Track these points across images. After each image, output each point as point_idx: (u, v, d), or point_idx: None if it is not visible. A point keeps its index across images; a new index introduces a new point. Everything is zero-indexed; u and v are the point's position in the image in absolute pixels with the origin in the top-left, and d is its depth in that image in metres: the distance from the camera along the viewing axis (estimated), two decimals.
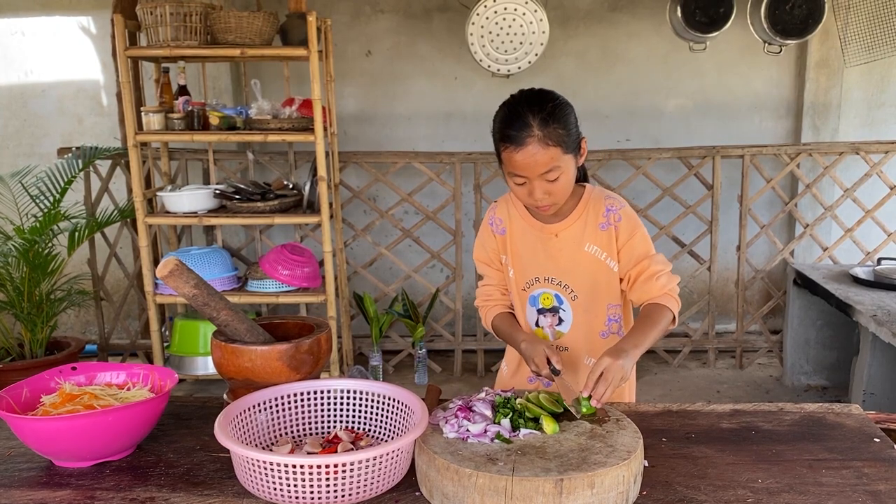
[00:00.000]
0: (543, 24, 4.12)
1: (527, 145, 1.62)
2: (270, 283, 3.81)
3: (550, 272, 1.83)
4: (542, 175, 1.65)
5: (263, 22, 3.54)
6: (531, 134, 1.61)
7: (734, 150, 4.50)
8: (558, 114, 1.64)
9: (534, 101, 1.65)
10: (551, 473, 1.26)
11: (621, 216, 1.77)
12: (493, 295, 1.94)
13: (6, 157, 4.91)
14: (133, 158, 3.64)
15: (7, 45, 4.90)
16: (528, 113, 1.62)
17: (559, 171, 1.65)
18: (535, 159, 1.62)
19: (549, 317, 1.87)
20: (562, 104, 1.67)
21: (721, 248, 4.62)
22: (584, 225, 1.79)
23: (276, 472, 1.27)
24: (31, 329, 3.99)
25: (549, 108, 1.63)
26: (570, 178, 1.69)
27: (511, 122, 1.64)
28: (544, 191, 1.67)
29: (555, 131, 1.62)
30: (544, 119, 1.61)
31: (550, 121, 1.62)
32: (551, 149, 1.62)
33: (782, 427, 1.68)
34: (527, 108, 1.63)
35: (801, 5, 4.11)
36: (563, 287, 1.83)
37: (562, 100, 1.69)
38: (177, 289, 1.53)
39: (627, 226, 1.77)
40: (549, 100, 1.66)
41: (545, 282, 1.85)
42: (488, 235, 1.92)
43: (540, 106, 1.63)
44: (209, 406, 1.82)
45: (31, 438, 1.48)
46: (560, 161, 1.64)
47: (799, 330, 4.30)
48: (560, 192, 1.70)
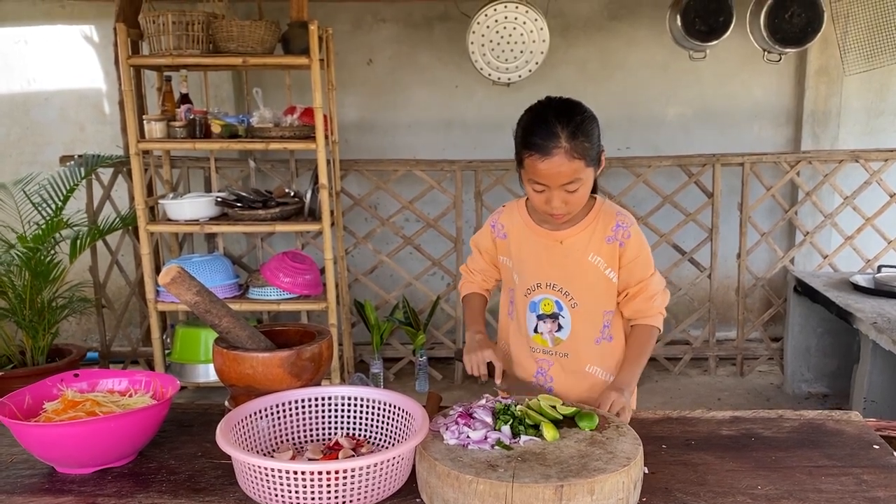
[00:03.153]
0: (544, 32, 4.15)
1: (553, 156, 1.63)
2: (272, 290, 3.82)
3: (553, 278, 1.84)
4: (563, 186, 1.66)
5: (265, 31, 3.56)
6: (558, 145, 1.62)
7: (734, 157, 4.52)
8: (586, 127, 1.66)
9: (563, 111, 1.66)
10: (551, 480, 1.27)
11: (631, 234, 1.79)
12: (475, 276, 2.02)
13: (9, 164, 4.93)
14: (135, 166, 3.66)
15: (10, 53, 4.92)
16: (558, 124, 1.63)
17: (580, 184, 1.67)
18: (559, 170, 1.64)
19: (548, 323, 1.88)
20: (589, 118, 1.69)
21: (721, 255, 4.62)
22: (590, 235, 1.81)
23: (278, 478, 1.27)
24: (32, 336, 3.99)
25: (578, 120, 1.65)
26: (587, 189, 1.72)
27: (538, 130, 1.65)
28: (562, 200, 1.69)
29: (581, 144, 1.63)
30: (573, 132, 1.63)
31: (578, 134, 1.63)
32: (576, 161, 1.64)
33: (782, 434, 1.68)
34: (555, 119, 1.64)
35: (801, 14, 4.13)
36: (564, 294, 1.84)
37: (589, 113, 1.71)
38: (179, 296, 1.53)
39: (635, 245, 1.80)
40: (579, 112, 1.68)
41: (547, 287, 1.85)
42: (488, 236, 1.96)
43: (569, 118, 1.64)
44: (210, 413, 1.83)
45: (34, 445, 1.49)
46: (582, 174, 1.66)
47: (799, 337, 4.30)
48: (577, 202, 1.72)
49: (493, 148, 4.87)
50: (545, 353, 1.91)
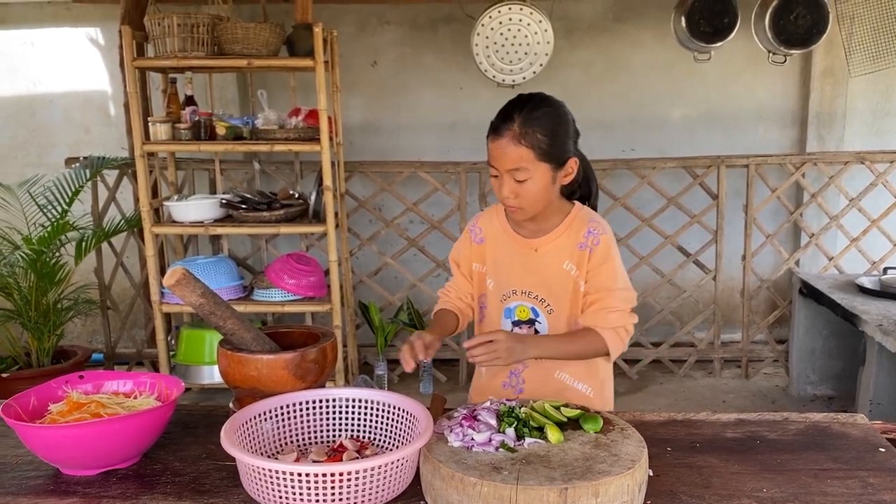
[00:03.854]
0: (548, 34, 4.14)
1: (502, 137, 1.65)
2: (276, 292, 3.82)
3: (528, 285, 1.83)
4: (510, 171, 1.67)
5: (270, 33, 3.56)
6: (510, 127, 1.64)
7: (739, 159, 4.51)
8: (545, 120, 1.66)
9: (528, 101, 1.68)
10: (556, 482, 1.27)
11: (600, 241, 1.76)
12: (450, 294, 1.97)
13: (14, 166, 4.94)
14: (140, 168, 3.67)
15: (16, 55, 4.94)
16: (516, 109, 1.66)
17: (527, 174, 1.66)
18: (504, 152, 1.66)
19: (524, 329, 1.85)
20: (554, 114, 1.69)
21: (726, 257, 4.61)
22: (564, 242, 1.79)
23: (282, 480, 1.27)
24: (38, 338, 4.01)
25: (539, 111, 1.66)
26: (541, 186, 1.69)
27: (501, 115, 1.68)
28: (511, 189, 1.69)
29: (532, 133, 1.64)
30: (528, 119, 1.64)
31: (533, 123, 1.64)
32: (523, 148, 1.64)
33: (787, 436, 1.68)
34: (517, 105, 1.67)
35: (806, 15, 4.12)
36: (540, 301, 1.82)
37: (558, 110, 1.71)
38: (183, 298, 1.54)
39: (602, 253, 1.75)
40: (543, 105, 1.69)
41: (522, 295, 1.84)
42: (466, 242, 1.93)
43: (531, 107, 1.66)
44: (215, 415, 1.83)
45: (39, 446, 1.49)
46: (530, 164, 1.66)
47: (805, 339, 4.29)
48: (527, 196, 1.70)
49: None
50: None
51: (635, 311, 1.80)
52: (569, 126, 1.72)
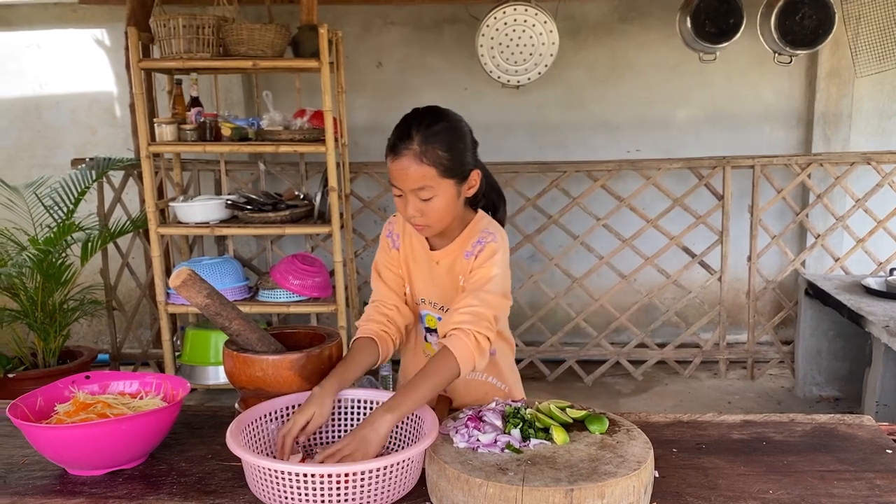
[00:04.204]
0: (553, 35, 4.14)
1: (402, 156, 1.60)
2: (281, 292, 3.82)
3: (434, 296, 1.80)
4: (413, 191, 1.62)
5: (275, 34, 3.57)
6: (409, 147, 1.59)
7: (744, 160, 4.50)
8: (444, 137, 1.61)
9: (425, 117, 1.63)
10: (561, 483, 1.27)
11: (484, 248, 1.69)
12: (370, 315, 1.81)
13: (21, 167, 4.96)
14: (146, 169, 3.67)
15: (22, 57, 4.96)
16: (414, 127, 1.60)
17: (432, 192, 1.62)
18: (406, 173, 1.60)
19: (435, 335, 1.84)
20: (452, 128, 1.64)
21: (732, 258, 4.60)
22: (458, 255, 1.74)
23: (288, 481, 1.28)
24: (44, 338, 4.01)
25: (437, 128, 1.61)
26: (446, 203, 1.64)
27: (397, 132, 1.63)
28: (416, 209, 1.64)
29: (433, 151, 1.59)
30: (427, 137, 1.59)
31: (433, 140, 1.59)
32: (425, 167, 1.59)
33: (793, 438, 1.67)
34: (414, 122, 1.61)
35: (812, 16, 4.11)
36: (445, 311, 1.78)
37: (456, 124, 1.66)
38: (189, 299, 1.54)
39: (482, 257, 1.68)
40: (441, 120, 1.63)
41: (429, 305, 1.82)
42: (386, 248, 1.87)
43: (428, 123, 1.61)
44: (221, 415, 1.83)
45: (45, 446, 1.50)
46: (433, 182, 1.61)
47: (811, 341, 4.27)
48: (433, 214, 1.65)
49: (503, 150, 4.87)
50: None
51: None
52: (467, 138, 1.68)
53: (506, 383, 1.90)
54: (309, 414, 1.52)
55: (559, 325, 4.71)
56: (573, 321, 4.66)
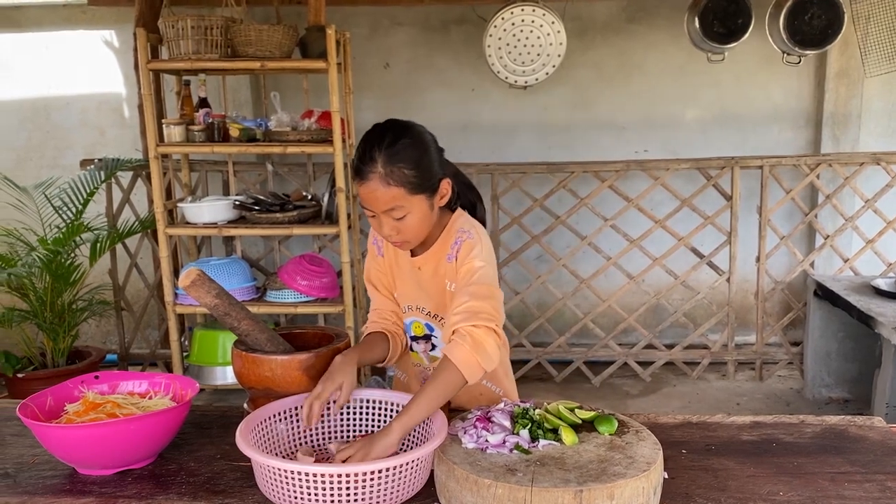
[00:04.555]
0: (561, 35, 4.14)
1: (369, 180, 1.56)
2: (289, 293, 3.83)
3: (420, 302, 1.79)
4: (385, 212, 1.59)
5: (283, 35, 3.57)
6: (373, 169, 1.55)
7: (753, 160, 4.48)
8: (406, 153, 1.57)
9: (384, 136, 1.58)
10: (570, 484, 1.26)
11: (462, 246, 1.67)
12: (375, 319, 1.83)
13: (30, 168, 4.98)
14: (154, 170, 3.68)
15: (31, 58, 4.98)
16: (375, 148, 1.56)
17: (404, 211, 1.59)
18: (374, 196, 1.57)
19: (421, 343, 1.84)
20: (414, 143, 1.60)
21: (740, 259, 4.57)
22: (439, 259, 1.72)
23: (298, 481, 1.28)
24: (53, 338, 4.03)
25: (399, 146, 1.56)
26: (420, 218, 1.62)
27: (360, 155, 1.59)
28: (392, 227, 1.62)
29: (399, 171, 1.55)
30: (390, 157, 1.55)
31: (396, 160, 1.55)
32: (393, 188, 1.56)
33: (804, 439, 1.66)
34: (375, 144, 1.57)
35: (821, 16, 4.10)
36: (433, 316, 1.78)
37: (418, 138, 1.62)
38: (198, 299, 1.54)
39: (461, 256, 1.66)
40: (402, 136, 1.59)
41: (416, 311, 1.80)
42: (373, 257, 1.86)
43: (389, 142, 1.56)
44: (229, 415, 1.83)
45: (55, 446, 1.50)
46: (404, 201, 1.58)
47: (820, 342, 4.25)
48: (409, 231, 1.63)
49: (510, 151, 4.87)
50: (424, 370, 1.87)
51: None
52: (431, 150, 1.64)
53: (500, 386, 1.88)
54: (338, 383, 1.54)
55: (567, 326, 4.70)
56: (581, 322, 4.65)
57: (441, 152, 1.68)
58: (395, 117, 1.66)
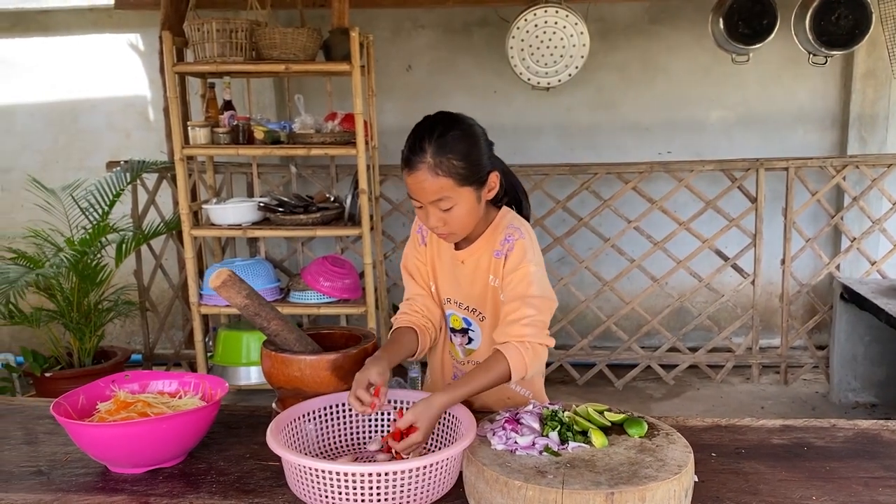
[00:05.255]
0: (584, 37, 4.13)
1: (417, 170, 1.58)
2: (312, 294, 3.84)
3: (459, 296, 1.79)
4: (433, 203, 1.60)
5: (307, 38, 3.59)
6: (423, 160, 1.57)
7: (778, 162, 4.43)
8: (456, 145, 1.58)
9: (435, 127, 1.60)
10: (602, 487, 1.26)
11: (514, 246, 1.67)
12: (405, 310, 1.83)
13: (57, 170, 5.05)
14: (179, 172, 3.72)
15: (59, 62, 5.05)
16: (426, 138, 1.58)
17: (451, 202, 1.60)
18: (423, 186, 1.58)
19: (458, 336, 1.84)
20: (464, 135, 1.61)
21: (765, 261, 4.53)
22: (483, 253, 1.73)
23: (328, 480, 1.28)
24: (79, 338, 4.08)
25: (449, 137, 1.58)
26: (467, 210, 1.63)
27: (410, 145, 1.61)
28: (438, 218, 1.63)
29: (448, 161, 1.57)
30: (439, 148, 1.57)
31: (446, 151, 1.57)
32: (441, 178, 1.57)
33: (835, 444, 1.64)
34: (425, 134, 1.59)
35: (847, 16, 4.05)
36: (472, 311, 1.79)
37: (468, 130, 1.63)
38: (229, 299, 1.55)
39: (516, 257, 1.67)
40: (453, 128, 1.60)
41: (454, 305, 1.81)
42: (414, 245, 1.87)
43: (440, 133, 1.58)
44: (257, 415, 1.84)
45: (88, 444, 1.52)
46: (452, 192, 1.59)
47: (846, 345, 4.20)
48: (456, 222, 1.64)
49: (532, 152, 4.86)
50: (458, 363, 1.87)
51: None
52: (481, 142, 1.65)
53: (531, 389, 1.87)
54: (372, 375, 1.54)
55: (589, 329, 4.69)
56: (603, 325, 4.63)
57: (491, 146, 1.70)
58: (417, 119, 1.67)
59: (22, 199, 4.82)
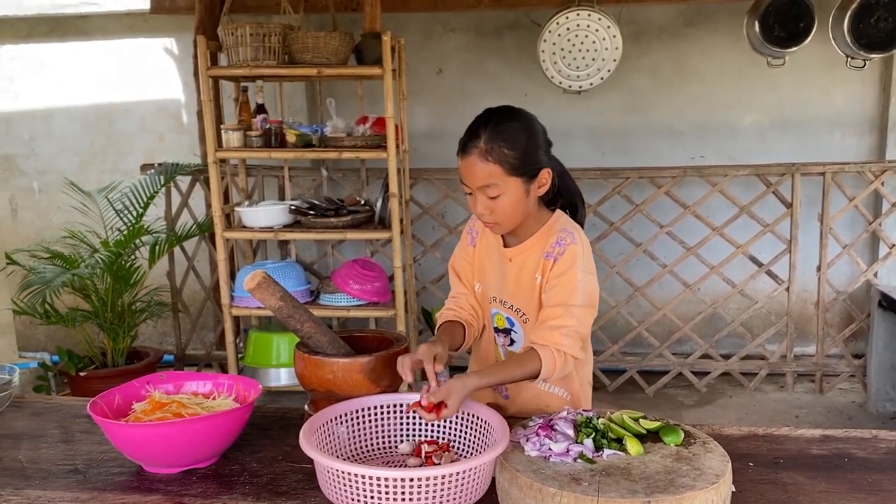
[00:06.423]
0: (616, 40, 4.10)
1: (469, 154, 1.63)
2: (341, 297, 3.85)
3: (504, 295, 1.80)
4: (481, 189, 1.64)
5: (340, 42, 3.61)
6: (476, 145, 1.61)
7: (814, 167, 4.36)
8: (511, 134, 1.62)
9: (493, 116, 1.65)
10: (638, 495, 1.24)
11: (565, 251, 1.68)
12: (451, 306, 1.87)
13: (93, 173, 5.13)
14: (213, 175, 3.75)
15: (96, 66, 5.13)
16: (482, 125, 1.63)
17: (499, 190, 1.63)
18: (472, 170, 1.63)
19: (501, 336, 1.85)
20: (520, 126, 1.65)
21: (800, 268, 4.45)
22: (534, 252, 1.74)
23: (361, 484, 1.28)
24: (113, 338, 4.13)
25: (505, 126, 1.62)
26: (514, 201, 1.65)
27: (467, 132, 1.66)
28: (485, 206, 1.66)
29: (500, 149, 1.60)
30: (493, 135, 1.61)
31: (499, 138, 1.60)
32: (491, 165, 1.61)
33: (878, 455, 1.60)
34: (483, 121, 1.64)
35: (887, 18, 3.98)
36: (515, 311, 1.79)
37: (526, 123, 1.67)
38: (263, 301, 1.56)
39: (565, 263, 1.68)
40: (510, 119, 1.65)
41: (499, 304, 1.82)
42: (464, 245, 1.90)
43: (496, 121, 1.63)
44: (289, 417, 1.85)
45: (123, 443, 1.53)
46: (500, 180, 1.62)
47: (884, 354, 4.12)
48: (502, 212, 1.66)
49: (563, 156, 4.73)
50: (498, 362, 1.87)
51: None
52: (537, 137, 1.68)
53: (570, 392, 1.87)
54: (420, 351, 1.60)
55: (620, 335, 4.64)
56: (634, 330, 4.58)
57: (549, 145, 1.73)
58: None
59: (59, 201, 4.92)
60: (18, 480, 1.54)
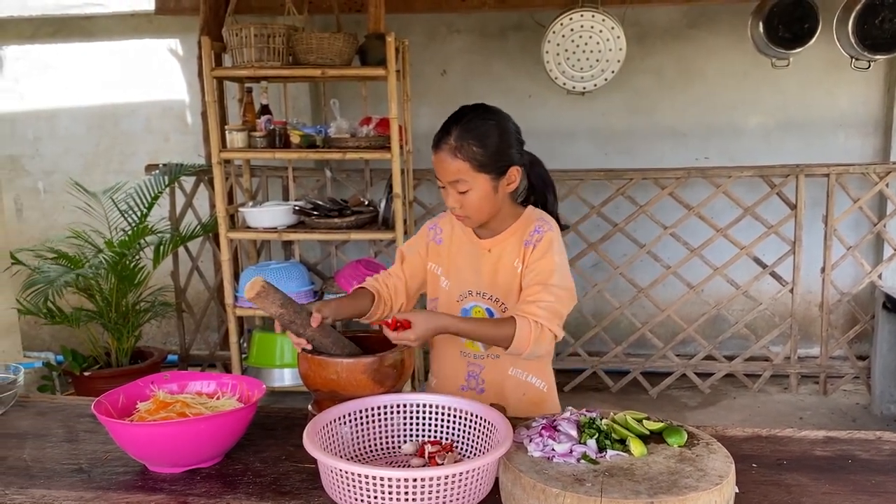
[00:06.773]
0: (620, 41, 4.10)
1: (440, 150, 1.71)
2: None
3: (482, 287, 1.85)
4: (450, 183, 1.72)
5: (344, 43, 3.62)
6: (447, 141, 1.70)
7: (819, 168, 4.35)
8: (481, 132, 1.69)
9: (465, 114, 1.72)
10: (641, 496, 1.24)
11: (543, 237, 1.77)
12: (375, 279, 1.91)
13: (98, 173, 5.14)
14: (217, 175, 3.76)
15: (101, 66, 5.15)
16: (454, 123, 1.71)
17: (467, 186, 1.71)
18: (442, 165, 1.71)
19: None
20: (491, 125, 1.71)
21: (804, 269, 4.45)
22: (513, 241, 1.81)
23: (364, 484, 1.28)
24: (117, 338, 4.14)
25: (475, 124, 1.70)
26: (481, 196, 1.72)
27: (440, 128, 1.73)
28: (455, 200, 1.74)
29: (469, 147, 1.68)
30: (463, 132, 1.68)
31: (468, 136, 1.68)
32: (459, 161, 1.69)
33: (882, 457, 1.60)
34: (455, 119, 1.72)
35: (892, 19, 3.97)
36: (494, 301, 1.84)
37: (498, 121, 1.74)
38: (264, 308, 1.57)
39: (543, 247, 1.76)
40: (480, 117, 1.72)
41: (477, 296, 1.86)
42: (422, 239, 1.94)
43: (467, 120, 1.70)
44: (293, 417, 1.85)
45: (128, 443, 1.54)
46: (468, 176, 1.70)
47: (889, 356, 4.11)
48: (471, 207, 1.74)
49: (567, 157, 4.83)
50: (477, 358, 1.89)
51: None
52: (508, 136, 1.74)
53: (545, 381, 1.92)
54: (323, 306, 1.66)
55: (623, 336, 4.64)
56: (638, 332, 4.58)
57: (520, 143, 1.79)
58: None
59: (63, 202, 4.93)
60: (23, 479, 1.55)
